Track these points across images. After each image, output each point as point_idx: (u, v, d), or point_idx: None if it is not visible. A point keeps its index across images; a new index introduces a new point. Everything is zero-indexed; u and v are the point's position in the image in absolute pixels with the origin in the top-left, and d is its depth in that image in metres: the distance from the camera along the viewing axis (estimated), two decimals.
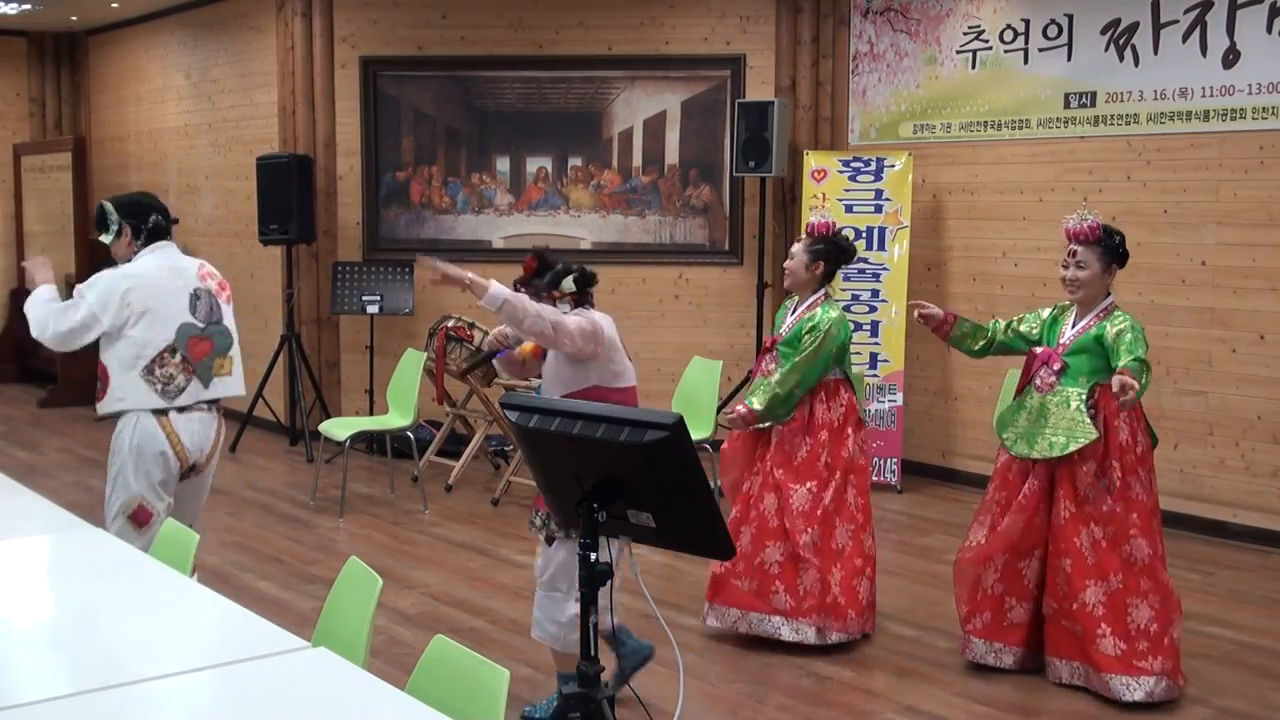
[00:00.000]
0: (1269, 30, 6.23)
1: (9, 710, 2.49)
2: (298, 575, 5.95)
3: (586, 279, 4.17)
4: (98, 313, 4.47)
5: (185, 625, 3.07)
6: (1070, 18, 7.00)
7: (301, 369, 8.72)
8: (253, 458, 8.53)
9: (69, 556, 3.68)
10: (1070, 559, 4.45)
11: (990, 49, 7.37)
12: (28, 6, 10.22)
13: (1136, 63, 6.73)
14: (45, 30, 11.68)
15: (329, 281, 8.80)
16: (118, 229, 4.66)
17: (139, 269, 4.60)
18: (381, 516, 7.04)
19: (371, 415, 8.35)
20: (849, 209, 7.62)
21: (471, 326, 7.47)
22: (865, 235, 7.58)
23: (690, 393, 7.05)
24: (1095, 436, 4.38)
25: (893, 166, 7.61)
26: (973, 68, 7.46)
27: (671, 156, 8.47)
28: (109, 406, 4.56)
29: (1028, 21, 7.19)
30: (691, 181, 8.45)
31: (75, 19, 11.13)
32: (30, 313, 4.55)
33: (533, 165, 8.64)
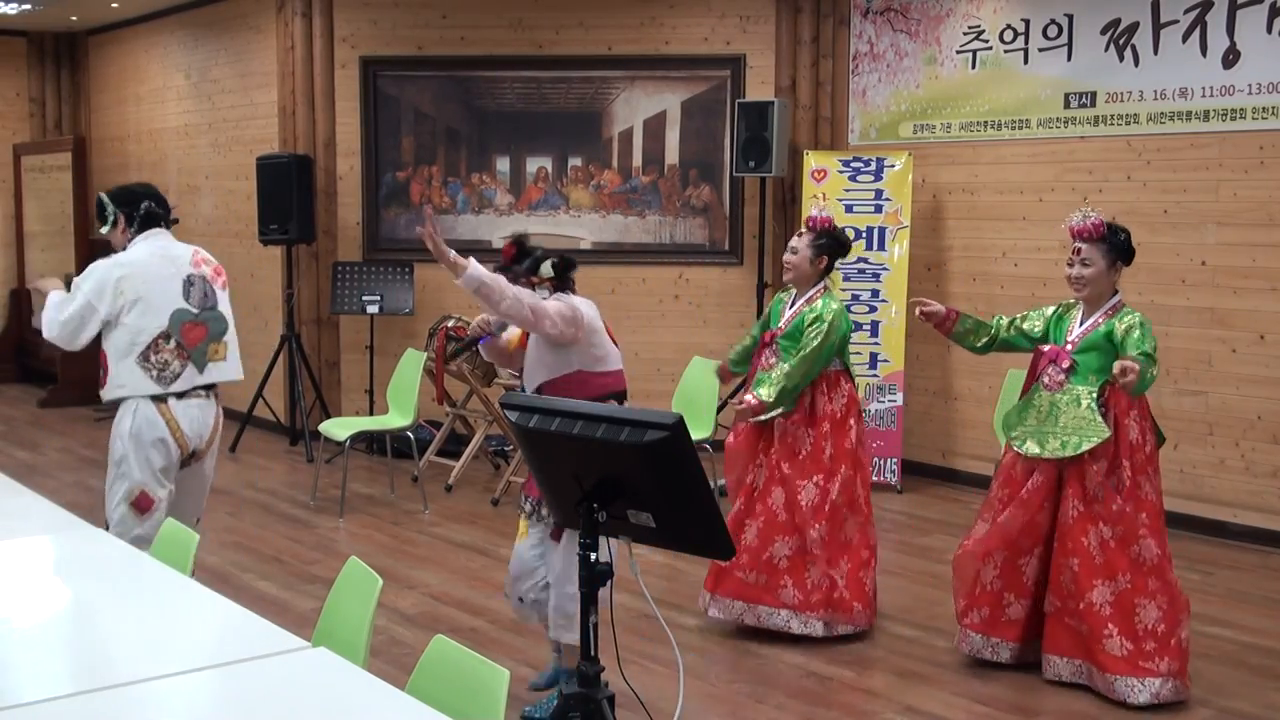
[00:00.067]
0: (1269, 30, 6.23)
1: (9, 710, 2.49)
2: (298, 575, 5.95)
3: (566, 264, 4.17)
4: (93, 301, 4.50)
5: (185, 625, 3.07)
6: (1070, 18, 6.99)
7: (301, 369, 8.72)
8: (253, 458, 8.53)
9: (69, 556, 3.68)
10: (1078, 558, 4.43)
11: (990, 49, 7.37)
12: (28, 6, 10.21)
13: (1136, 63, 6.73)
14: (45, 30, 11.67)
15: (329, 281, 8.80)
16: (113, 219, 4.70)
17: (131, 257, 4.62)
18: (381, 516, 7.03)
19: (371, 415, 8.35)
20: (849, 209, 7.62)
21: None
22: (865, 235, 7.57)
23: (690, 393, 7.04)
24: (1107, 435, 4.37)
25: (893, 166, 7.61)
26: (973, 68, 7.46)
27: (671, 156, 8.46)
28: (110, 394, 4.61)
29: (1028, 21, 7.19)
30: (691, 181, 8.45)
31: (75, 19, 11.12)
32: (41, 317, 4.62)
33: (533, 165, 8.64)
